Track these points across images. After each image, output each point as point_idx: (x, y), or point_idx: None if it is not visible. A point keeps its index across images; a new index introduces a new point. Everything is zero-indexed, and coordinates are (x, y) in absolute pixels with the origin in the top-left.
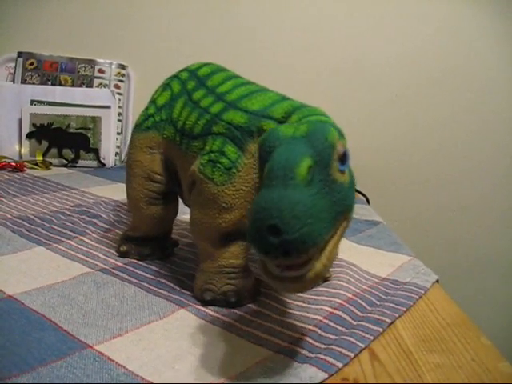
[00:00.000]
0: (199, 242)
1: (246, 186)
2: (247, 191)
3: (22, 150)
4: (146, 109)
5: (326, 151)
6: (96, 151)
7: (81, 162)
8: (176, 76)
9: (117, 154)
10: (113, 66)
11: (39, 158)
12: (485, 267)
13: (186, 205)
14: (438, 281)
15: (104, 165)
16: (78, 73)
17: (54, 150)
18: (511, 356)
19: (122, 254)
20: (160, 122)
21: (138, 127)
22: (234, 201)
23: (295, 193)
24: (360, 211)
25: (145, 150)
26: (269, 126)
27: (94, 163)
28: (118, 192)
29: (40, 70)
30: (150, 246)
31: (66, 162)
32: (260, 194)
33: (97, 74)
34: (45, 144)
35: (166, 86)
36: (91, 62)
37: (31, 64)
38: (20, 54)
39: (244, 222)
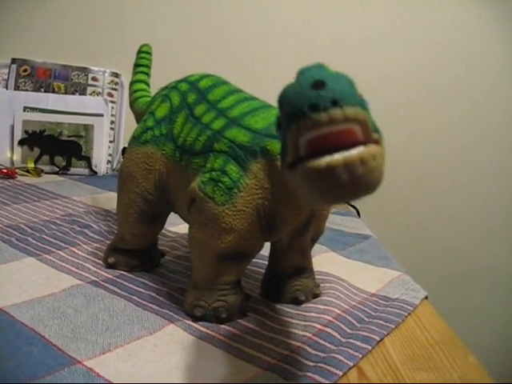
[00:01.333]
0: (197, 260)
1: (247, 207)
2: (248, 212)
3: (14, 157)
4: (144, 120)
5: (351, 80)
6: (88, 159)
7: (72, 170)
8: (175, 87)
9: (109, 162)
10: (106, 74)
11: (31, 165)
12: (475, 280)
13: (185, 220)
14: (426, 297)
15: (96, 173)
16: (71, 80)
17: (45, 157)
18: (498, 369)
19: (110, 266)
20: (160, 137)
21: (135, 139)
22: (234, 222)
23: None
24: (350, 224)
25: (141, 165)
26: (273, 145)
27: (86, 171)
28: (109, 201)
29: (33, 76)
30: (137, 257)
31: (58, 170)
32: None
33: (90, 81)
34: (37, 151)
35: (165, 97)
36: (85, 70)
37: (25, 71)
38: (14, 61)
39: (243, 242)
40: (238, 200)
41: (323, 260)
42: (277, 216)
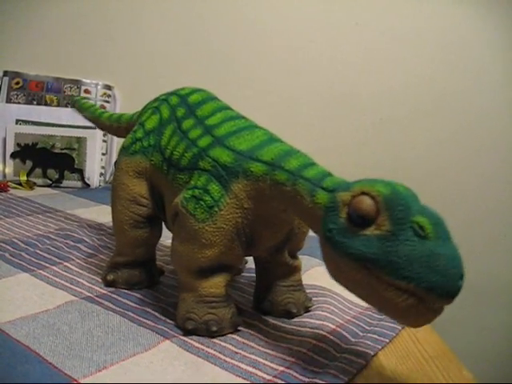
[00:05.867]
0: (180, 272)
1: (227, 225)
2: (227, 229)
3: (6, 170)
4: (134, 131)
5: None
6: (81, 172)
7: (65, 183)
8: (165, 100)
9: (101, 174)
10: (99, 87)
11: (23, 178)
12: (468, 291)
13: (170, 230)
14: None
15: (88, 185)
16: (63, 93)
17: (38, 170)
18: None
19: (109, 283)
20: (148, 148)
21: (125, 150)
22: (214, 238)
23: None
24: None
25: (131, 173)
26: (256, 167)
27: (79, 184)
28: (102, 214)
29: (26, 89)
30: (137, 274)
31: (50, 183)
32: (441, 247)
33: (83, 94)
34: (29, 164)
35: (155, 109)
36: (77, 83)
37: (17, 83)
38: (6, 73)
39: (224, 257)
40: (218, 218)
41: (316, 273)
42: (255, 234)
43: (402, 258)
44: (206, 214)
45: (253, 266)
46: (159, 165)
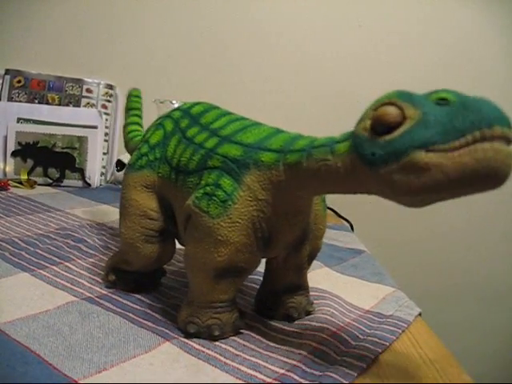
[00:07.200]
0: (193, 277)
1: (242, 219)
2: (243, 224)
3: (7, 168)
4: (139, 149)
5: None
6: (81, 171)
7: (66, 182)
8: (168, 116)
9: (102, 174)
10: (100, 86)
11: (24, 177)
12: (468, 294)
13: (182, 244)
14: (420, 314)
15: (89, 185)
16: (65, 92)
17: (39, 169)
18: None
19: (110, 284)
20: (154, 161)
21: (131, 167)
22: (229, 233)
23: None
24: (344, 238)
25: (139, 188)
26: (267, 157)
27: (79, 183)
28: (102, 214)
29: (27, 88)
30: (139, 277)
31: (51, 182)
32: (469, 98)
33: (84, 93)
34: (30, 162)
35: (159, 125)
36: (79, 82)
37: (19, 82)
38: (7, 72)
39: (240, 256)
40: (232, 212)
41: (318, 276)
42: (273, 229)
43: (449, 123)
44: (219, 209)
45: None
46: (167, 175)
